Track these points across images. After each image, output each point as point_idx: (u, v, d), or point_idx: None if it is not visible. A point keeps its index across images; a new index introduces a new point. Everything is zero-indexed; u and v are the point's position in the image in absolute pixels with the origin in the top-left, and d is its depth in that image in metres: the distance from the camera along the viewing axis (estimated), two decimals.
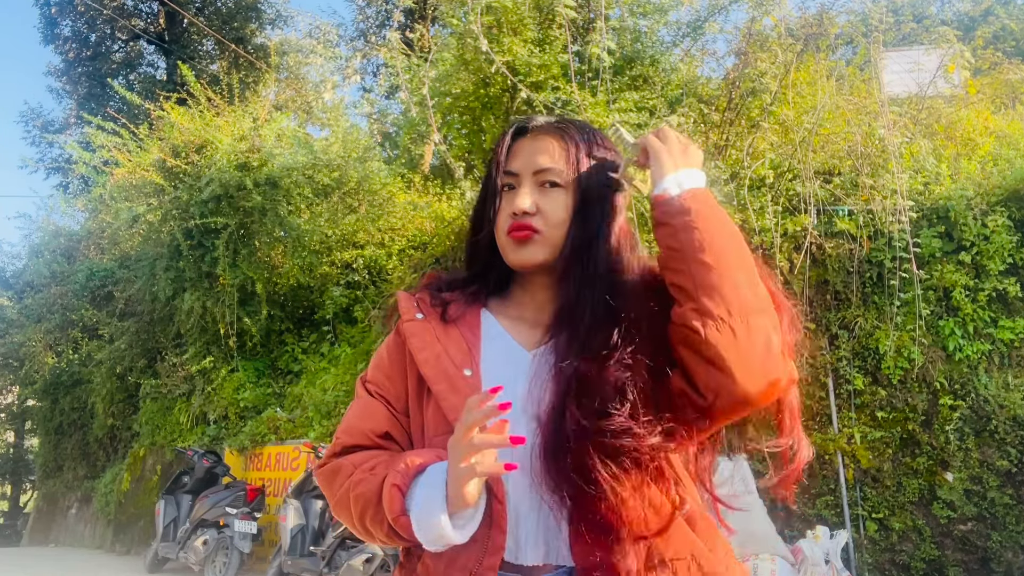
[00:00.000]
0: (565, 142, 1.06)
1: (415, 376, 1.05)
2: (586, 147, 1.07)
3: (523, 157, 1.07)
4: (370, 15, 18.04)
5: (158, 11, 18.72)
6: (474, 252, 1.13)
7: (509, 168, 1.07)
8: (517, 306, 1.11)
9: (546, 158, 1.05)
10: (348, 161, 8.71)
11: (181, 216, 8.49)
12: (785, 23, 6.81)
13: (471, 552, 0.92)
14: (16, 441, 18.07)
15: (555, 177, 1.05)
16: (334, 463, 1.03)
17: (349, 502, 0.97)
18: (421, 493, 0.90)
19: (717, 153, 6.67)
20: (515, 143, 1.10)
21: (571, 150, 1.06)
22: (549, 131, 1.08)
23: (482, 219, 1.10)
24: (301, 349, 8.93)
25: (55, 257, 13.53)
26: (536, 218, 1.03)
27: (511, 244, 1.05)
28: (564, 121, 1.10)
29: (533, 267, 1.06)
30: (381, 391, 1.08)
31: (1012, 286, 5.25)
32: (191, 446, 8.56)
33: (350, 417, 1.08)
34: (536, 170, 1.05)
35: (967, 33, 9.39)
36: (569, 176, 1.05)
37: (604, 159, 1.07)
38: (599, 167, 1.06)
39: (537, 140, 1.08)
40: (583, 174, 1.05)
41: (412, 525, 0.89)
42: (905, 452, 5.27)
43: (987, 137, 6.23)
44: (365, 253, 8.50)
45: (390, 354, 1.11)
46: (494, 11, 6.41)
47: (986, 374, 5.22)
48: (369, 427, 1.05)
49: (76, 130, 18.55)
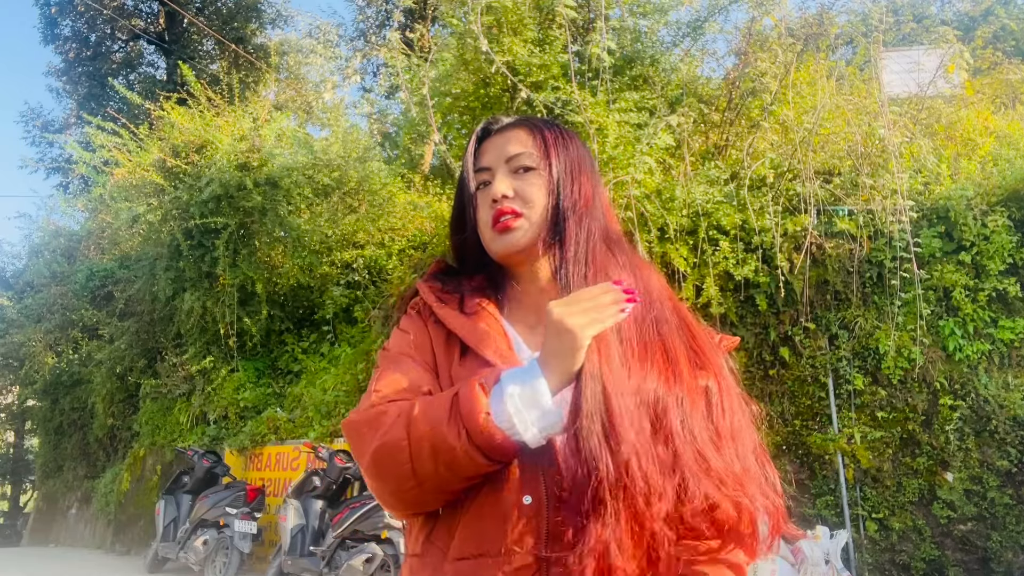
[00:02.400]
0: (530, 130, 1.08)
1: (443, 354, 1.02)
2: (551, 133, 1.09)
3: (493, 151, 1.08)
4: (370, 15, 18.03)
5: (158, 11, 18.72)
6: (462, 253, 1.13)
7: (481, 165, 1.08)
8: (517, 308, 1.10)
9: (515, 145, 1.06)
10: (348, 161, 8.71)
11: (181, 216, 8.49)
12: (785, 23, 6.82)
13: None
14: (16, 441, 18.07)
15: (527, 161, 1.05)
16: (377, 409, 0.93)
17: (406, 431, 0.88)
18: (508, 384, 0.87)
19: (717, 153, 6.67)
20: (482, 144, 1.11)
21: (537, 135, 1.07)
22: (513, 125, 1.10)
23: (462, 222, 1.10)
24: (301, 349, 8.93)
25: (55, 257, 13.54)
26: (516, 201, 1.03)
27: (496, 236, 1.04)
28: (525, 116, 1.13)
29: (519, 253, 1.05)
30: (414, 355, 1.03)
31: (1012, 286, 5.25)
32: (191, 446, 8.55)
33: (386, 377, 0.99)
34: (507, 158, 1.06)
35: (967, 33, 9.38)
36: (540, 159, 1.05)
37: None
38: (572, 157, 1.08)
39: (503, 134, 1.09)
40: (554, 154, 1.06)
41: (499, 416, 0.85)
42: (905, 452, 5.27)
43: (987, 137, 6.23)
44: (365, 253, 8.50)
45: (414, 333, 1.06)
46: (494, 11, 6.41)
47: (986, 374, 5.22)
48: (412, 381, 0.97)
49: (76, 130, 18.57)
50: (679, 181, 5.92)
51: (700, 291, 5.56)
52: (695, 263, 5.59)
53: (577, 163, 1.08)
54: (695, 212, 5.62)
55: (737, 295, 5.63)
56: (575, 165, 1.07)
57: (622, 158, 5.48)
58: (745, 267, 5.48)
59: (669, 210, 5.64)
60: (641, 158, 5.41)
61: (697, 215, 5.61)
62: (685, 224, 5.68)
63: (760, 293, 5.63)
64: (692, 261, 5.59)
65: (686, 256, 5.56)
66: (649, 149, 5.55)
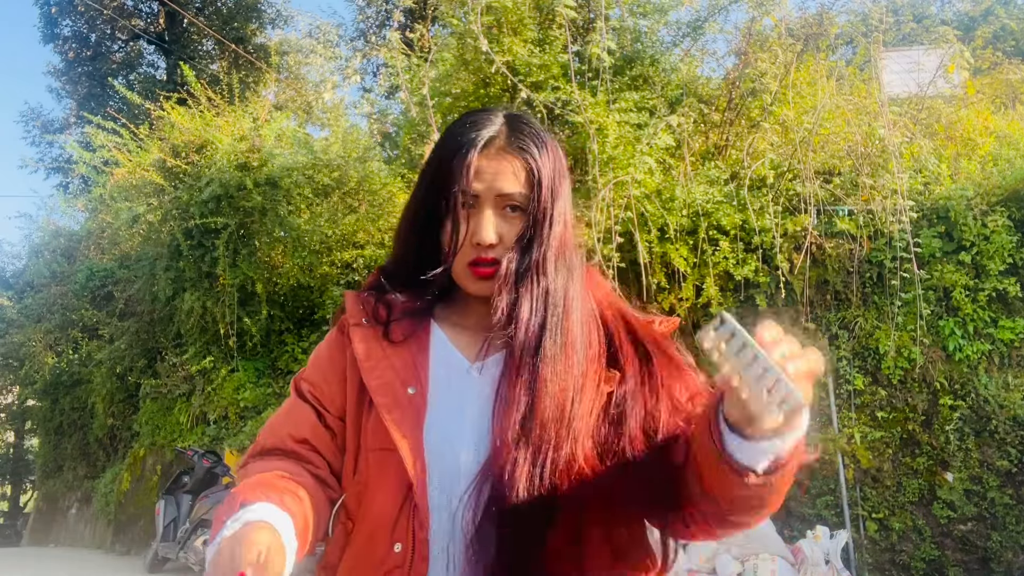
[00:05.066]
0: (528, 170, 0.99)
1: (356, 380, 1.01)
2: (549, 172, 1.01)
3: (486, 178, 0.98)
4: (370, 15, 18.03)
5: (158, 11, 18.72)
6: (417, 256, 1.04)
7: (472, 190, 0.98)
8: (460, 311, 1.06)
9: (510, 183, 0.98)
10: (348, 161, 8.71)
11: (181, 216, 8.49)
12: (785, 23, 6.82)
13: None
14: (16, 441, 18.07)
15: (518, 201, 0.99)
16: (247, 467, 1.01)
17: None
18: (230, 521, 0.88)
19: (717, 153, 6.67)
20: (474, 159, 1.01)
21: (534, 176, 0.99)
22: (512, 151, 1.00)
23: (424, 228, 1.02)
24: (301, 349, 8.93)
25: (55, 257, 13.54)
26: (499, 248, 0.98)
27: (471, 277, 0.99)
28: (521, 136, 1.02)
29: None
30: (315, 392, 1.03)
31: (1012, 286, 5.25)
32: (191, 446, 8.56)
33: (275, 417, 1.05)
34: (499, 194, 0.98)
35: (967, 33, 9.38)
36: (527, 199, 0.99)
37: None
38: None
39: (500, 161, 1.00)
40: (547, 202, 0.99)
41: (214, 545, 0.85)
42: (905, 452, 5.28)
43: (987, 137, 6.23)
44: (365, 253, 8.50)
45: (331, 354, 1.06)
46: (494, 11, 6.41)
47: (986, 374, 5.22)
48: (288, 431, 1.01)
49: (76, 130, 18.56)
50: (679, 181, 5.92)
51: (700, 291, 5.57)
52: (695, 263, 5.60)
53: (564, 204, 1.02)
54: (695, 212, 5.62)
55: (737, 295, 5.63)
56: (563, 207, 1.01)
57: (622, 158, 5.48)
58: (745, 267, 5.49)
59: (669, 210, 5.64)
60: (641, 158, 5.41)
61: (697, 215, 5.62)
62: (685, 224, 5.69)
63: (760, 293, 5.64)
64: (692, 261, 5.60)
65: (686, 256, 5.56)
66: (649, 149, 5.55)
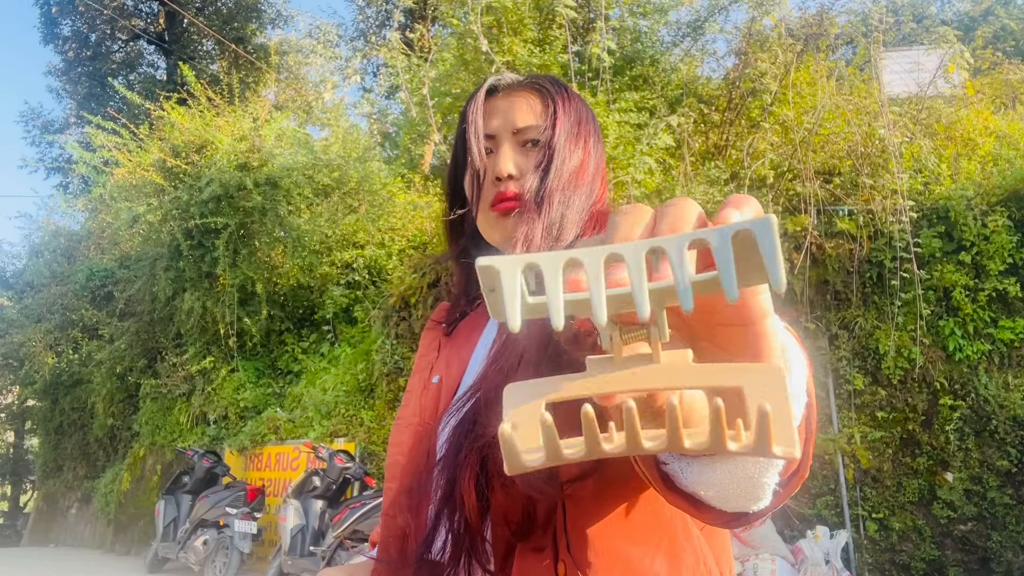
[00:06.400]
0: (542, 97, 0.97)
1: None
2: (561, 99, 0.98)
3: (498, 116, 0.97)
4: (370, 15, 18.03)
5: (158, 11, 18.73)
6: (459, 231, 1.03)
7: (486, 131, 0.96)
8: None
9: (525, 115, 0.96)
10: (348, 161, 8.72)
11: (181, 216, 8.49)
12: (785, 23, 6.82)
13: None
14: (16, 441, 18.07)
15: (535, 135, 0.95)
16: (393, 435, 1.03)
17: None
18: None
19: (717, 153, 6.67)
20: (486, 104, 0.99)
21: (548, 104, 0.97)
22: (522, 87, 0.99)
23: (456, 192, 1.01)
24: (301, 349, 8.93)
25: (55, 257, 13.55)
26: (521, 183, 0.94)
27: (494, 220, 0.95)
28: (535, 76, 1.01)
29: None
30: (416, 373, 1.07)
31: (1012, 286, 5.25)
32: (191, 446, 8.56)
33: (404, 398, 1.07)
34: (515, 130, 0.96)
35: (967, 33, 9.39)
36: (547, 130, 0.95)
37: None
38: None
39: (510, 97, 0.98)
40: (559, 126, 0.95)
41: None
42: (905, 452, 5.28)
43: (987, 137, 6.23)
44: (365, 253, 8.51)
45: (423, 346, 1.12)
46: (494, 11, 6.41)
47: (986, 374, 5.22)
48: (408, 407, 1.04)
49: (76, 130, 18.58)
50: (679, 181, 5.92)
51: None
52: None
53: (575, 130, 0.97)
54: None
55: None
56: (571, 133, 0.96)
57: (622, 158, 5.48)
58: None
59: None
60: (641, 158, 5.42)
61: None
62: None
63: None
64: None
65: None
66: (649, 149, 5.56)
